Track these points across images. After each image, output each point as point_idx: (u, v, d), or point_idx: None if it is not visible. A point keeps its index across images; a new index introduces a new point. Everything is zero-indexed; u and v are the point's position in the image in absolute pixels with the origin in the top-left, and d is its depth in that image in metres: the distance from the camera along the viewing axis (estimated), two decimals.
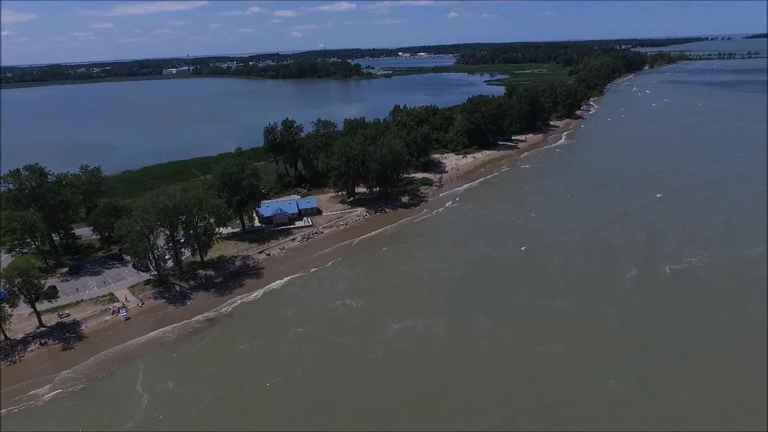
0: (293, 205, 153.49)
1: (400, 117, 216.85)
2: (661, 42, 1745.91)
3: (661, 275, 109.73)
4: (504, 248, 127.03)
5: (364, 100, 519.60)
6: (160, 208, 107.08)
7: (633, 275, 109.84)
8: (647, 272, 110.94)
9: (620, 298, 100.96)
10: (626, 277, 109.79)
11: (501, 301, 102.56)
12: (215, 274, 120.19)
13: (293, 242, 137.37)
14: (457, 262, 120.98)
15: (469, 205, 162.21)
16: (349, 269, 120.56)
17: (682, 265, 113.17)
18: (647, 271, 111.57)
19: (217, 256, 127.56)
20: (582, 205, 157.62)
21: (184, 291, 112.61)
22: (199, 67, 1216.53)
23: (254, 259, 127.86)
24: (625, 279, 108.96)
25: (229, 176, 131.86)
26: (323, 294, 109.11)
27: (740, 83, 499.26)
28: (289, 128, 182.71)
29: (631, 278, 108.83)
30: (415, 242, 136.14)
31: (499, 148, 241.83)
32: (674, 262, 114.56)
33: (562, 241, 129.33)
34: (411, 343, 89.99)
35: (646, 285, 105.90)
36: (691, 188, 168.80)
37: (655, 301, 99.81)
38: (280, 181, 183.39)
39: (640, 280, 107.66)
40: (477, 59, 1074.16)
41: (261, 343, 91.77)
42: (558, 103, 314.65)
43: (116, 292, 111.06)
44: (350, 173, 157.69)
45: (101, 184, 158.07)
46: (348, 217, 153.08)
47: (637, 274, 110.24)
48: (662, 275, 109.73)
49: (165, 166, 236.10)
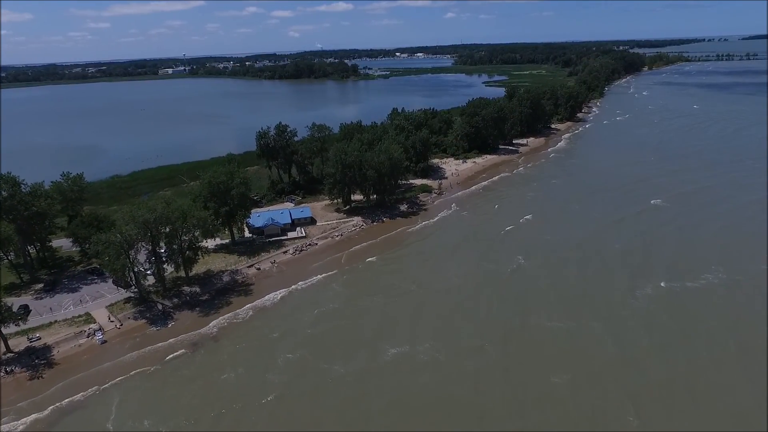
0: (286, 214, 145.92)
1: (398, 121, 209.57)
2: (658, 43, 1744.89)
3: (663, 291, 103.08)
4: (507, 262, 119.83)
5: (361, 101, 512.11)
6: (140, 222, 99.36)
7: (644, 293, 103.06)
8: (647, 288, 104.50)
9: (620, 318, 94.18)
10: (637, 295, 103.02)
11: (498, 321, 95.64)
12: (201, 290, 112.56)
13: (285, 255, 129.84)
14: (455, 278, 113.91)
15: (470, 215, 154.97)
16: (343, 286, 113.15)
17: (698, 282, 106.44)
18: (647, 287, 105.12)
19: (203, 270, 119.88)
20: (586, 213, 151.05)
21: (166, 310, 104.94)
22: (195, 68, 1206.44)
23: (243, 274, 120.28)
24: (636, 297, 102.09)
25: (217, 185, 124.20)
26: (315, 314, 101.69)
27: (736, 85, 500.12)
28: (282, 133, 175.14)
29: (642, 296, 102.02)
30: (412, 256, 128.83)
31: (499, 152, 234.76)
32: (685, 278, 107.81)
33: (567, 254, 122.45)
34: (409, 371, 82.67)
35: (648, 302, 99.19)
36: (691, 193, 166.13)
37: (654, 319, 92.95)
38: (273, 188, 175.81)
39: (643, 298, 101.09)
40: (475, 60, 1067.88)
41: (247, 371, 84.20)
42: (559, 106, 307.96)
43: (93, 311, 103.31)
44: (346, 181, 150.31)
45: (84, 191, 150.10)
46: (343, 228, 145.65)
47: (635, 289, 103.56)
48: (666, 291, 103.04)
49: (155, 170, 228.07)
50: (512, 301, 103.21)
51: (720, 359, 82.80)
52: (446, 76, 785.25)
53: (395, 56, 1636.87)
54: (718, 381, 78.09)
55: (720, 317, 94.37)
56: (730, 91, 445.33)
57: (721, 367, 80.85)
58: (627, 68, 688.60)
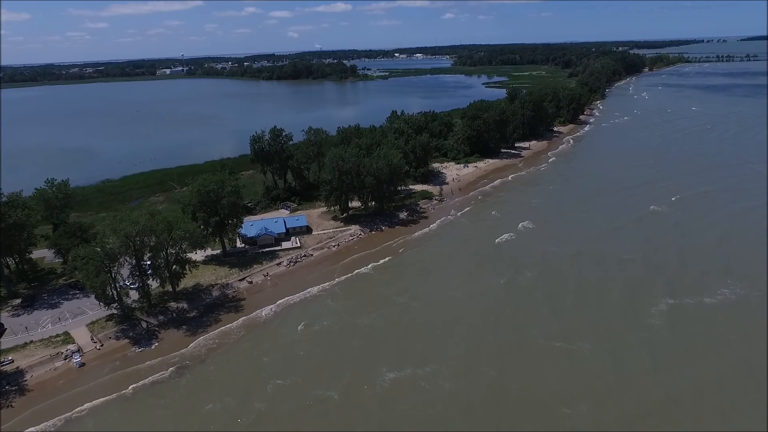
0: (280, 223, 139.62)
1: (397, 124, 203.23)
2: (657, 44, 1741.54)
3: (665, 307, 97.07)
4: (507, 274, 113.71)
5: (359, 103, 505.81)
6: (121, 236, 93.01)
7: (660, 310, 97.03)
8: (648, 302, 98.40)
9: (621, 337, 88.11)
10: (652, 312, 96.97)
11: (507, 341, 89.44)
12: (189, 306, 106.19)
13: (279, 267, 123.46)
14: (455, 292, 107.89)
15: (472, 224, 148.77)
16: (338, 301, 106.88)
17: (701, 298, 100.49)
18: (648, 300, 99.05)
19: (192, 284, 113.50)
20: (588, 221, 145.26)
21: (151, 328, 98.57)
22: (193, 68, 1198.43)
23: (234, 288, 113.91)
24: (651, 315, 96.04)
25: (206, 194, 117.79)
26: (308, 332, 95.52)
27: (737, 87, 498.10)
28: (277, 137, 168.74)
29: (643, 311, 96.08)
30: (411, 268, 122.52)
31: (501, 156, 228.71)
32: (687, 293, 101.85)
33: (568, 265, 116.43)
34: (409, 400, 76.44)
35: (649, 318, 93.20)
36: (692, 198, 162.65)
37: (656, 336, 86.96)
38: (268, 194, 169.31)
39: (643, 312, 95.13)
40: (474, 61, 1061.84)
41: (233, 400, 77.79)
42: (561, 108, 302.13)
43: (73, 330, 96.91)
44: (343, 188, 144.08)
45: (70, 198, 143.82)
46: (340, 237, 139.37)
47: (665, 309, 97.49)
48: (668, 308, 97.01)
49: (147, 174, 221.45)
50: (515, 317, 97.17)
51: (727, 380, 77.99)
52: (445, 77, 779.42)
53: (394, 57, 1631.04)
54: (724, 403, 73.40)
55: (724, 335, 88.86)
56: (731, 93, 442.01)
57: (727, 389, 76.23)
58: (628, 69, 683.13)
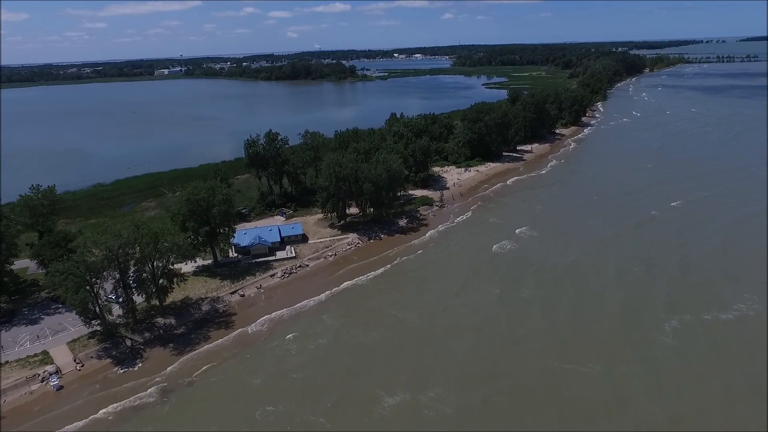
0: (275, 231, 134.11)
1: (396, 127, 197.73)
2: (656, 44, 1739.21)
3: (666, 325, 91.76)
4: (511, 287, 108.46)
5: (358, 104, 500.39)
6: (103, 249, 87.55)
7: (643, 322, 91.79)
8: (647, 317, 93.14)
9: (621, 357, 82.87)
10: (653, 327, 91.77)
11: (504, 361, 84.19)
12: (176, 322, 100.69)
13: (272, 279, 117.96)
14: (459, 308, 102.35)
15: (472, 231, 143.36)
16: (335, 317, 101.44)
17: (730, 315, 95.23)
18: (648, 316, 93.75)
19: (181, 298, 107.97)
20: (592, 227, 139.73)
21: (135, 347, 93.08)
22: (191, 68, 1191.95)
23: (225, 301, 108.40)
24: (653, 330, 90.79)
25: (196, 203, 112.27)
26: (302, 352, 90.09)
27: (738, 88, 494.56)
28: (272, 141, 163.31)
29: (660, 329, 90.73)
30: (412, 279, 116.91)
31: (503, 159, 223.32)
32: (688, 310, 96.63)
33: (569, 278, 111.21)
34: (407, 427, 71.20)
35: (648, 333, 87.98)
36: (692, 203, 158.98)
37: (656, 354, 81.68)
38: (263, 200, 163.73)
39: (641, 327, 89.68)
40: (474, 61, 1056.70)
41: (218, 428, 72.43)
42: (563, 110, 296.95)
43: (52, 349, 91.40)
44: (340, 195, 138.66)
45: (56, 204, 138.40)
46: (337, 246, 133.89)
47: (633, 318, 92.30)
48: (669, 327, 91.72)
49: (140, 178, 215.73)
50: (512, 333, 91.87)
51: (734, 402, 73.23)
52: (445, 78, 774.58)
53: (393, 57, 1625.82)
54: None
55: (730, 351, 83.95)
56: (730, 95, 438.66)
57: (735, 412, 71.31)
58: (628, 70, 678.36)
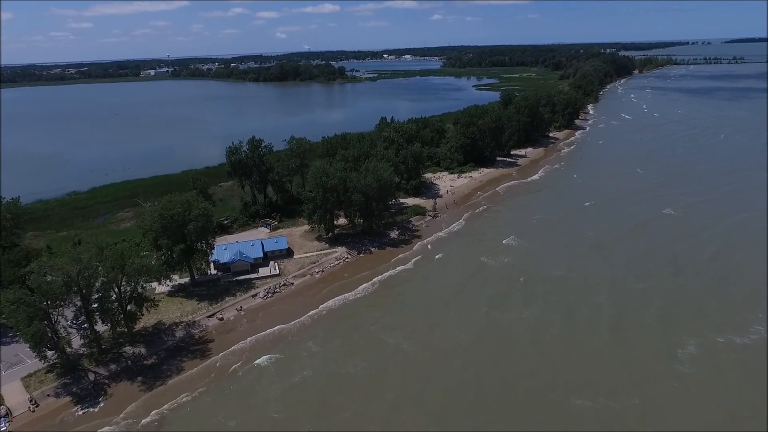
0: (257, 246, 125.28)
1: (387, 132, 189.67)
2: (644, 46, 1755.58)
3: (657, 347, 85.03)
4: (518, 309, 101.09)
5: (348, 106, 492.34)
6: (60, 276, 78.34)
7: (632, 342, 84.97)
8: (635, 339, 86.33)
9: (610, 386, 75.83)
10: (661, 353, 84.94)
11: (496, 393, 76.57)
12: (147, 351, 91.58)
13: (254, 299, 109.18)
14: (452, 331, 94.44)
15: (468, 243, 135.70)
16: (321, 342, 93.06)
17: (733, 337, 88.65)
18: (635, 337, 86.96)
19: (153, 323, 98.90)
20: (592, 235, 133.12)
21: (99, 382, 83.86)
22: (177, 69, 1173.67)
23: (202, 326, 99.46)
24: (661, 358, 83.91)
25: (170, 218, 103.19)
26: (285, 385, 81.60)
27: (721, 90, 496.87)
28: (256, 148, 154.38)
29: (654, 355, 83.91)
30: (405, 298, 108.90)
31: (497, 165, 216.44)
32: (681, 333, 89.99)
33: (588, 300, 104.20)
34: None
35: (636, 357, 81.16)
36: (683, 208, 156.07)
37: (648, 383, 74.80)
38: (246, 210, 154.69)
39: (631, 347, 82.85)
40: (463, 62, 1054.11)
41: None
42: (556, 113, 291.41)
43: (5, 385, 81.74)
44: (328, 206, 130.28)
45: (21, 218, 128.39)
46: (325, 261, 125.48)
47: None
48: (661, 349, 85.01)
49: (119, 186, 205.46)
50: (507, 359, 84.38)
51: None
52: (435, 79, 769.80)
53: (383, 58, 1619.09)
54: None
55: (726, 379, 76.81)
56: (716, 97, 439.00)
57: None
58: (618, 71, 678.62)
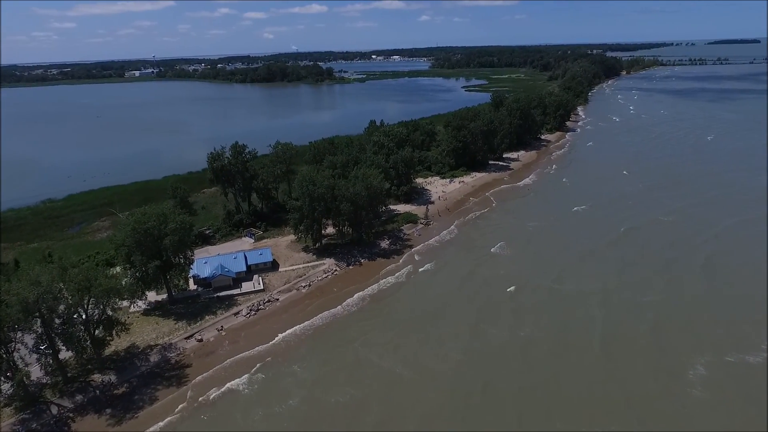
0: (240, 259, 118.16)
1: (376, 137, 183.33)
2: (629, 47, 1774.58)
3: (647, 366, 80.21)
4: (512, 328, 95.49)
5: (336, 107, 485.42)
6: (17, 302, 70.81)
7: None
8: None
9: None
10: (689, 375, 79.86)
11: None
12: (117, 379, 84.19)
13: (236, 318, 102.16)
14: (450, 353, 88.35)
15: (461, 253, 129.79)
16: (307, 365, 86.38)
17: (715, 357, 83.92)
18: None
19: (126, 346, 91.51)
20: (588, 246, 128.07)
21: (63, 416, 76.29)
22: (163, 70, 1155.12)
23: (179, 349, 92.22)
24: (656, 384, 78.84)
25: (144, 233, 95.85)
26: (268, 418, 74.92)
27: (706, 91, 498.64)
28: (239, 154, 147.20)
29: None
30: (395, 314, 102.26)
31: (489, 169, 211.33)
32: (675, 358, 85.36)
33: (593, 316, 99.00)
34: None
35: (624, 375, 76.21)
36: (675, 212, 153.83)
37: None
38: (229, 219, 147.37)
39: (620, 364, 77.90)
40: (452, 63, 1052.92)
41: None
42: (548, 115, 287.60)
43: None
44: (315, 216, 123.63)
45: None
46: (312, 274, 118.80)
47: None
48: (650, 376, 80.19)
49: (97, 193, 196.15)
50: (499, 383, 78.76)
51: None
52: (423, 80, 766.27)
53: (371, 59, 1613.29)
54: None
55: None
56: (701, 98, 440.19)
57: None
58: (607, 72, 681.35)
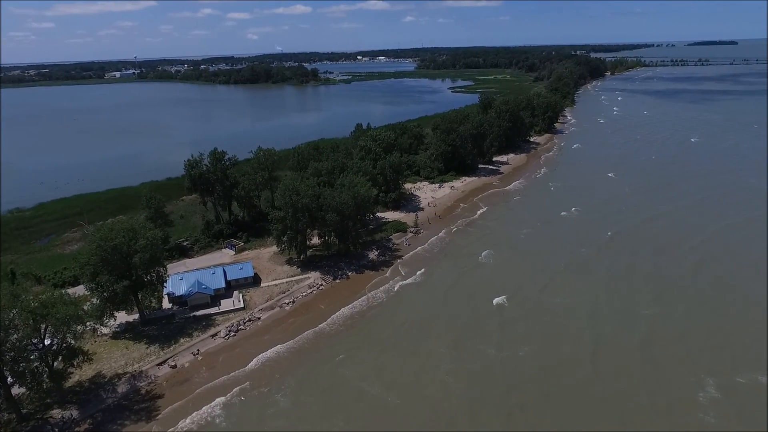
0: (219, 275, 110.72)
1: (363, 141, 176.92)
2: (611, 48, 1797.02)
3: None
4: (507, 348, 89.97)
5: (321, 109, 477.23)
6: None
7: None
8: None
9: None
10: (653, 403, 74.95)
11: None
12: (80, 414, 76.45)
13: (214, 340, 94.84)
14: (443, 375, 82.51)
15: (450, 263, 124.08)
16: (289, 393, 79.65)
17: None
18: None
19: (91, 375, 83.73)
20: (578, 253, 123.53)
21: None
22: (144, 71, 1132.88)
23: (150, 377, 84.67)
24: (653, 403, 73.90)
25: (111, 251, 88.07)
26: None
27: (686, 92, 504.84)
28: (219, 161, 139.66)
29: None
30: (382, 334, 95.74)
31: (479, 173, 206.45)
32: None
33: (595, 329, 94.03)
34: None
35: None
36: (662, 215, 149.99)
37: None
38: (209, 230, 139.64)
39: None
40: (438, 64, 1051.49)
41: None
42: (536, 117, 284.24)
43: None
44: (299, 227, 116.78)
45: None
46: (296, 290, 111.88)
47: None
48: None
49: (69, 201, 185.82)
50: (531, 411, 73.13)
51: None
52: (409, 81, 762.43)
53: (356, 60, 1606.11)
54: None
55: None
56: (683, 99, 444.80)
57: None
58: (592, 73, 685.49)
